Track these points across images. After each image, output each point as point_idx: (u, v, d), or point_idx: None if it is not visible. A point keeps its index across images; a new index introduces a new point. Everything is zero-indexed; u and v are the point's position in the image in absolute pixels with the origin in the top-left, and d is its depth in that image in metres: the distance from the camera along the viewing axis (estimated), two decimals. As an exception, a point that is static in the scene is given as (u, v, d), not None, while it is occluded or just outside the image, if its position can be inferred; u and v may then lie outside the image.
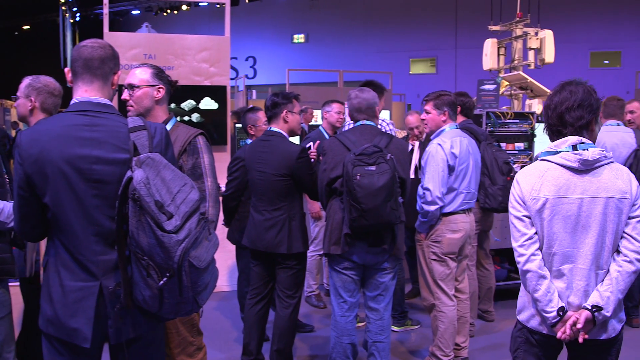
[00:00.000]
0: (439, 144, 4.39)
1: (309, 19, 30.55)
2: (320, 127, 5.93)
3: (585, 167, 2.65)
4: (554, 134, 2.78)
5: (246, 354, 4.48)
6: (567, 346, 2.85)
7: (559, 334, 2.67)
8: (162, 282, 2.22)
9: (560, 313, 2.66)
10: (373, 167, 3.68)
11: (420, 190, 4.41)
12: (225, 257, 6.51)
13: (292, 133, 4.38)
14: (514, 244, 2.75)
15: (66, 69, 2.56)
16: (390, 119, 13.64)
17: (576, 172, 2.66)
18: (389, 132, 5.14)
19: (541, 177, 2.69)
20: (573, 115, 2.69)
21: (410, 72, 29.45)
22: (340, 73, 13.84)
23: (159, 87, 3.26)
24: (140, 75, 3.24)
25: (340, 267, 4.02)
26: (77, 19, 28.41)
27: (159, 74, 3.29)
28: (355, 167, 3.68)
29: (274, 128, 4.34)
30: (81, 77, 2.47)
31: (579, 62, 26.30)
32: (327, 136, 5.69)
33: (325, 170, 4.01)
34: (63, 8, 27.02)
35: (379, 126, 5.08)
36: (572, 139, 2.68)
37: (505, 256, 6.52)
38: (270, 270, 4.41)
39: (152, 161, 2.30)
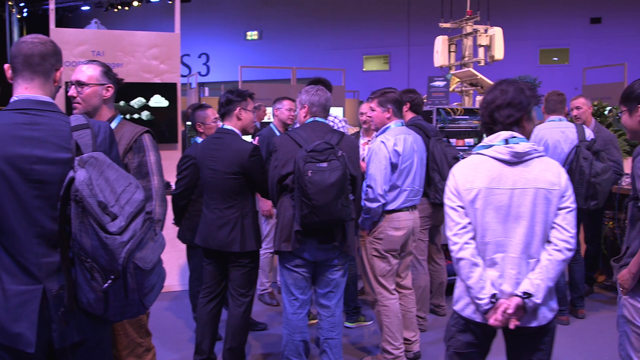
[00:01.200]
0: (382, 142, 4.42)
1: (262, 15, 30.42)
2: (271, 125, 5.91)
3: (516, 160, 2.78)
4: (487, 130, 2.93)
5: (198, 353, 4.44)
6: (504, 335, 2.94)
7: (490, 320, 2.77)
8: (106, 284, 2.18)
9: (493, 300, 2.75)
10: (324, 164, 3.68)
11: (363, 187, 4.43)
12: (177, 256, 6.45)
13: (245, 131, 4.35)
14: (449, 234, 2.86)
15: (6, 66, 2.48)
16: (344, 115, 13.68)
17: (508, 164, 2.79)
18: (341, 129, 5.14)
19: (475, 170, 2.81)
20: (502, 114, 2.84)
21: (364, 69, 29.58)
22: (293, 70, 13.80)
23: (108, 86, 3.21)
24: (89, 72, 3.18)
25: (291, 265, 4.01)
26: (25, 14, 27.72)
27: (108, 72, 3.24)
28: (307, 164, 3.67)
29: (227, 125, 4.31)
30: (21, 74, 2.40)
31: (528, 59, 26.78)
32: (278, 133, 5.68)
33: (276, 167, 3.99)
34: (10, 3, 26.32)
35: (331, 123, 5.10)
36: (505, 134, 2.83)
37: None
38: (222, 269, 4.38)
39: (96, 161, 2.25)
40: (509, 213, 2.77)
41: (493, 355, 3.04)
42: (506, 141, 2.79)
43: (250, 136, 6.22)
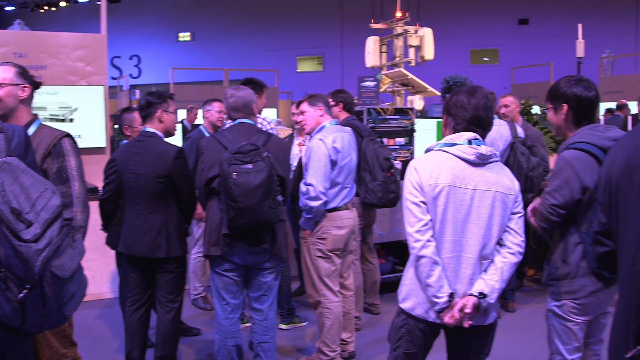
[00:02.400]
0: (321, 139, 4.39)
1: (194, 16, 30.12)
2: (200, 127, 5.84)
3: (481, 161, 2.81)
4: (462, 130, 2.88)
5: (129, 361, 4.33)
6: (448, 334, 2.95)
7: (446, 319, 2.77)
8: (22, 294, 2.08)
9: (450, 299, 2.76)
10: (249, 165, 3.64)
11: (303, 187, 4.40)
12: (107, 262, 6.28)
13: (168, 133, 4.26)
14: (410, 230, 2.81)
15: None
16: (278, 116, 13.66)
17: (471, 165, 2.80)
18: (271, 130, 5.11)
19: (439, 166, 2.79)
20: (487, 118, 2.90)
21: (298, 70, 29.62)
22: (225, 72, 13.71)
23: (24, 86, 3.09)
24: (3, 73, 3.06)
25: (221, 269, 3.95)
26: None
27: (23, 73, 3.12)
28: (232, 166, 3.62)
29: (149, 128, 4.20)
30: None
31: (459, 60, 27.33)
32: (207, 136, 5.60)
33: (203, 170, 3.92)
34: None
35: (260, 125, 5.06)
36: (468, 135, 2.84)
37: (390, 249, 6.65)
38: (149, 275, 4.27)
39: (9, 166, 2.15)
40: (469, 213, 2.78)
41: (432, 352, 3.04)
42: (469, 142, 2.80)
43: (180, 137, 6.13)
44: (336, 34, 28.84)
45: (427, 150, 2.93)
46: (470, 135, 2.83)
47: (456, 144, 2.81)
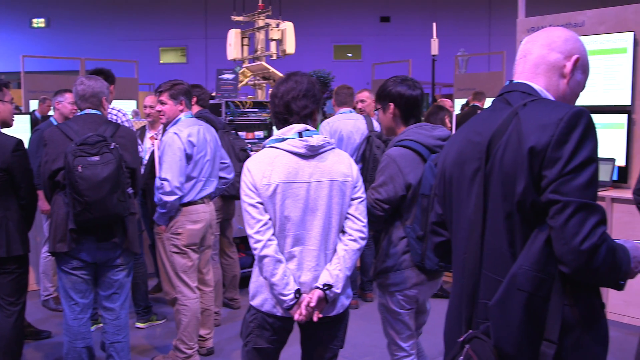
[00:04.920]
0: (176, 133, 4.28)
1: (50, 1, 28.64)
2: (51, 118, 5.55)
3: (311, 153, 2.78)
4: (281, 121, 2.87)
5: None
6: (300, 326, 2.94)
7: (295, 316, 2.76)
8: None
9: (297, 295, 2.74)
10: (96, 158, 3.48)
11: (157, 182, 4.28)
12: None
13: (4, 124, 4.01)
14: (250, 231, 2.76)
15: None
16: (137, 108, 13.23)
17: (303, 158, 2.77)
18: (125, 123, 4.93)
19: (271, 164, 2.74)
20: (299, 104, 2.82)
21: (161, 61, 28.96)
22: (82, 61, 13.11)
23: None
24: None
25: (68, 267, 3.76)
26: None
27: None
28: (77, 158, 3.45)
29: (-17, 119, 3.94)
30: None
31: (323, 54, 27.77)
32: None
33: (47, 162, 3.71)
34: None
35: (114, 116, 4.88)
36: (298, 127, 2.80)
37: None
38: (-13, 277, 4.00)
39: None
40: (306, 206, 2.76)
41: (286, 346, 3.03)
42: (300, 134, 2.77)
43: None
44: (200, 26, 28.43)
45: (263, 147, 2.89)
46: (300, 127, 2.81)
47: (286, 139, 2.79)
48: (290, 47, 9.58)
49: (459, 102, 12.82)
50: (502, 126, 1.82)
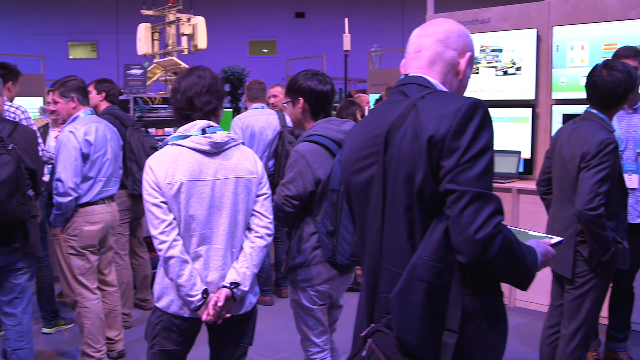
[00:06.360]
0: (71, 132, 4.16)
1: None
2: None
3: (216, 150, 2.74)
4: (183, 117, 2.81)
5: None
6: (208, 326, 2.90)
7: (203, 317, 2.72)
8: None
9: (204, 296, 2.70)
10: None
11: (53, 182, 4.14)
12: None
13: None
14: (154, 232, 2.69)
15: None
16: (44, 104, 12.73)
17: (207, 155, 2.73)
18: (24, 121, 4.72)
19: (174, 162, 2.68)
20: (202, 100, 2.77)
21: (70, 57, 28.06)
22: (-17, 56, 12.54)
23: None
24: None
25: (-37, 273, 3.58)
26: None
27: None
28: None
29: None
30: None
31: (238, 50, 27.58)
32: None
33: None
34: None
35: (12, 114, 4.68)
36: (201, 123, 2.75)
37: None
38: None
39: None
40: (212, 204, 2.72)
41: (194, 346, 2.98)
42: (203, 131, 2.72)
43: None
44: (111, 20, 27.70)
45: (165, 144, 2.83)
46: (204, 123, 2.76)
47: (190, 135, 2.74)
48: (202, 42, 9.44)
49: (373, 98, 12.97)
50: (400, 118, 1.82)
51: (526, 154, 6.01)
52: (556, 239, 2.01)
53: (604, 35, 5.48)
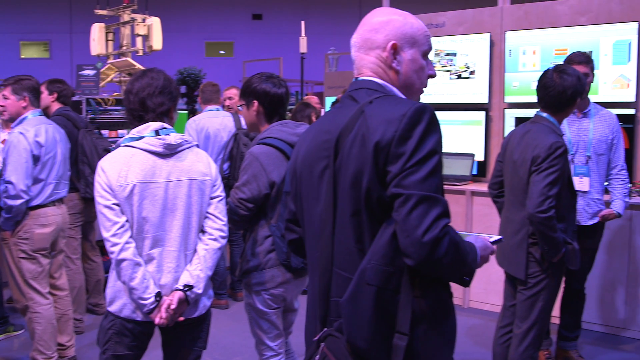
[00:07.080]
0: (21, 133, 4.08)
1: None
2: None
3: (169, 152, 2.73)
4: (136, 119, 2.80)
5: None
6: (161, 330, 2.87)
7: (156, 320, 2.70)
8: None
9: (157, 298, 2.68)
10: None
11: (1, 185, 4.05)
12: None
13: None
14: (106, 234, 2.66)
15: None
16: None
17: (161, 157, 2.72)
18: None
19: (127, 164, 2.66)
20: (155, 101, 2.76)
21: (22, 56, 27.49)
22: None
23: None
24: None
25: None
26: None
27: None
28: None
29: None
30: None
31: (194, 51, 27.37)
32: None
33: None
34: None
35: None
36: (155, 125, 2.74)
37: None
38: None
39: None
40: (165, 206, 2.70)
41: (147, 350, 2.95)
42: (157, 132, 2.71)
43: None
44: (64, 19, 27.19)
45: (118, 146, 2.80)
46: (157, 125, 2.75)
47: (143, 137, 2.72)
48: (157, 43, 9.34)
49: (329, 100, 13.01)
50: (350, 123, 1.82)
51: (480, 156, 6.10)
52: (495, 237, 2.04)
53: (555, 41, 5.60)
